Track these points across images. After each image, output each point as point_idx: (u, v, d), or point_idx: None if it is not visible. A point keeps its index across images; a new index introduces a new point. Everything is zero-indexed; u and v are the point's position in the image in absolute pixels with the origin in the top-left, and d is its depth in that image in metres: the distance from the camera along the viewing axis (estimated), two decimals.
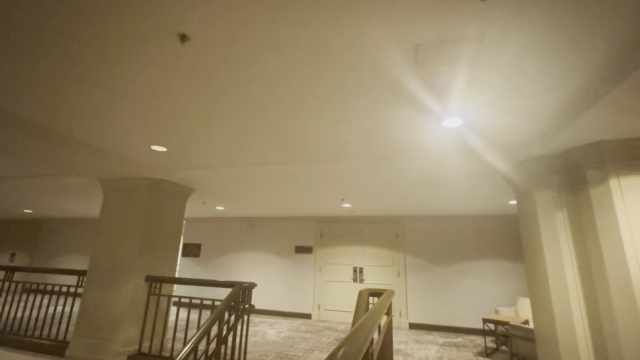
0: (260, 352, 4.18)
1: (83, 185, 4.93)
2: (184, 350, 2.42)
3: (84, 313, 3.80)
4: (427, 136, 2.63)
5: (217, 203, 6.05)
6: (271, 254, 7.42)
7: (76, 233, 9.73)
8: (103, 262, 3.92)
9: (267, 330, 5.43)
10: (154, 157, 3.44)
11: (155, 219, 4.06)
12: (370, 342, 1.46)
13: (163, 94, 2.12)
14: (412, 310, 6.15)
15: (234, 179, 4.14)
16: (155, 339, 3.80)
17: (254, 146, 3.02)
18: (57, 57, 1.76)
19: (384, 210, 6.18)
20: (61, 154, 3.34)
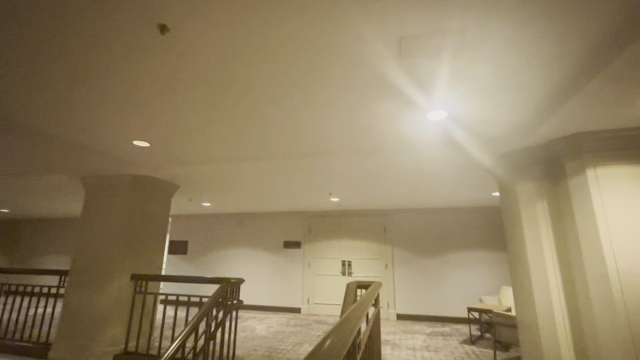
0: (250, 347, 4.18)
1: (63, 183, 4.77)
2: (172, 347, 2.39)
3: (67, 314, 3.71)
4: (412, 129, 2.65)
5: (203, 199, 5.97)
6: (260, 249, 7.39)
7: (56, 232, 9.44)
8: (86, 262, 3.82)
9: (257, 326, 5.44)
10: (136, 153, 3.36)
11: (140, 216, 3.98)
12: (357, 332, 1.48)
13: (144, 87, 2.06)
14: (400, 301, 6.26)
15: (220, 174, 4.08)
16: (141, 337, 3.74)
17: (239, 141, 2.98)
18: (29, 47, 1.68)
19: (371, 204, 6.24)
20: (39, 151, 3.22)
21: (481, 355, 4.03)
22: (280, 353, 3.94)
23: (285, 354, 3.89)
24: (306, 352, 4.00)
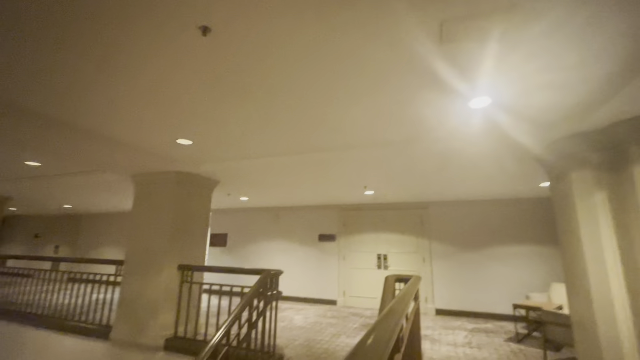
0: (289, 337, 4.30)
1: (116, 181, 5.17)
2: (217, 334, 2.52)
3: (123, 300, 4.05)
4: (452, 118, 2.53)
5: (241, 194, 6.18)
6: (295, 242, 7.53)
7: (112, 226, 10.29)
8: (138, 253, 4.13)
9: (294, 316, 5.57)
10: (180, 151, 3.54)
11: (184, 210, 4.20)
12: (400, 327, 1.46)
13: (186, 87, 2.16)
14: (439, 296, 6.09)
15: (258, 169, 4.19)
16: (189, 323, 3.98)
17: (277, 136, 3.03)
18: (81, 53, 1.82)
19: (408, 197, 6.09)
20: (95, 152, 3.50)
21: (529, 355, 3.82)
22: (318, 343, 4.01)
23: (323, 345, 3.96)
24: (344, 343, 4.04)
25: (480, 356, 3.75)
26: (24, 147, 3.34)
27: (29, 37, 1.65)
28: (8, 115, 2.55)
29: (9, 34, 1.63)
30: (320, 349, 3.78)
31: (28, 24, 1.55)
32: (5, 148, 3.68)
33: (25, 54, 1.80)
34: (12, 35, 1.64)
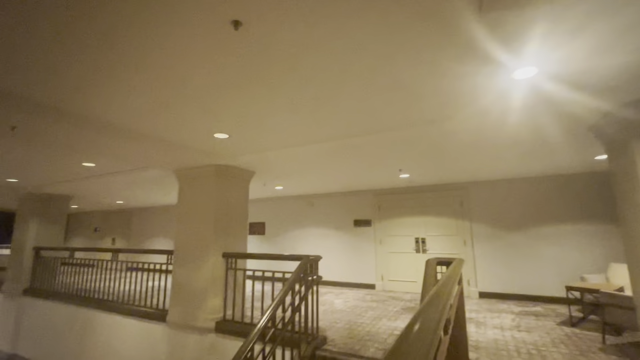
0: (330, 320, 4.41)
1: (161, 176, 5.50)
2: (264, 318, 2.65)
3: (175, 286, 4.37)
4: (491, 92, 2.38)
5: (276, 183, 6.32)
6: (331, 228, 7.61)
7: (159, 219, 11.04)
8: (185, 243, 4.41)
9: (334, 300, 5.69)
10: (217, 145, 3.68)
11: (225, 201, 4.39)
12: (447, 310, 1.44)
13: (220, 82, 2.21)
14: (482, 278, 5.90)
15: (292, 158, 4.25)
16: (235, 307, 4.22)
17: (310, 125, 3.04)
18: (121, 56, 1.92)
19: (445, 178, 5.88)
20: (139, 150, 3.74)
21: (585, 339, 3.61)
22: (360, 326, 4.07)
23: (364, 327, 4.02)
24: (385, 326, 4.07)
25: (530, 339, 3.61)
26: (80, 150, 3.64)
27: (76, 48, 1.78)
28: (66, 122, 2.78)
29: (75, 49, 1.76)
30: (362, 331, 3.85)
31: (77, 34, 1.66)
32: (65, 152, 4.04)
33: (74, 64, 1.95)
34: (75, 50, 1.77)
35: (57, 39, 1.70)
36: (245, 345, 2.40)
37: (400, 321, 4.31)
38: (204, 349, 3.88)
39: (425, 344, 0.86)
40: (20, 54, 1.85)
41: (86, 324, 5.30)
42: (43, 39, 1.71)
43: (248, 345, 2.40)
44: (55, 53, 1.84)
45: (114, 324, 4.92)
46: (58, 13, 1.50)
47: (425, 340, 0.88)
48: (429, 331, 0.96)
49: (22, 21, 1.56)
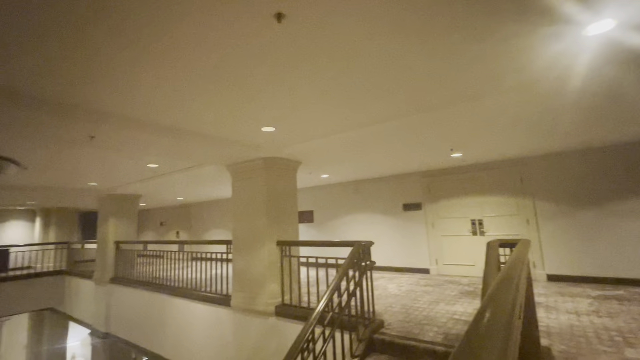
0: (385, 304, 4.41)
1: (215, 172, 5.85)
2: (322, 302, 2.73)
3: (235, 274, 4.67)
4: (558, 53, 2.12)
5: (321, 172, 6.38)
6: (379, 213, 7.53)
7: (215, 211, 11.82)
8: (242, 233, 4.67)
9: (387, 285, 5.67)
10: (265, 138, 3.80)
11: (275, 192, 4.55)
12: (520, 294, 1.35)
13: (265, 76, 2.26)
14: (549, 260, 5.43)
15: (336, 145, 4.24)
16: (292, 292, 4.40)
17: (355, 110, 2.99)
18: (162, 59, 2.04)
19: (501, 154, 5.45)
20: (195, 149, 4.00)
21: None
22: (416, 310, 4.02)
23: (422, 312, 3.95)
24: (444, 310, 3.96)
25: (614, 325, 3.27)
26: (145, 152, 4.01)
27: (143, 62, 1.93)
28: (132, 128, 3.07)
29: (141, 63, 1.92)
30: (420, 315, 3.79)
31: (141, 45, 1.80)
32: (133, 155, 4.47)
33: (141, 76, 2.12)
34: (141, 63, 1.93)
35: (122, 54, 1.86)
36: (306, 328, 2.50)
37: (459, 305, 4.16)
38: (266, 331, 4.13)
39: (501, 333, 0.81)
40: (97, 72, 2.07)
41: (162, 307, 5.93)
42: (111, 56, 1.88)
43: (309, 328, 2.50)
44: (124, 68, 2.02)
45: (185, 307, 5.44)
46: (120, 27, 1.64)
47: (500, 329, 0.83)
48: (503, 318, 0.91)
49: (107, 38, 1.73)
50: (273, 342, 4.04)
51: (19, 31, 1.61)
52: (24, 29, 1.60)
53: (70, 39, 1.70)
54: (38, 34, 1.65)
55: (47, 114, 2.59)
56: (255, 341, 4.23)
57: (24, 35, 1.65)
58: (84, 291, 8.55)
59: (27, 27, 1.59)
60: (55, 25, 1.58)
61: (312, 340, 2.56)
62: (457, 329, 3.30)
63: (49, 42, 1.72)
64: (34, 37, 1.67)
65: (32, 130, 2.99)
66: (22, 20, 1.53)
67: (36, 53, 1.83)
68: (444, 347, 2.85)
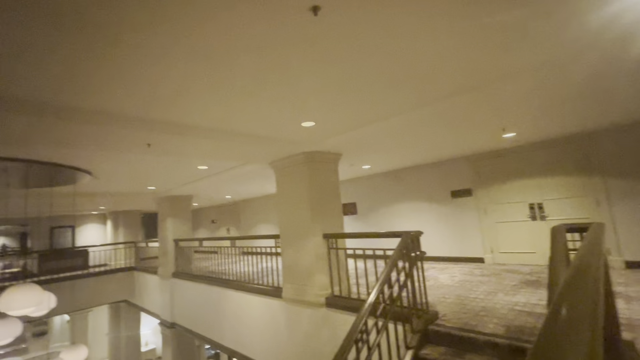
0: (438, 295, 4.27)
1: (258, 170, 6.05)
2: (373, 293, 2.71)
3: (285, 266, 4.82)
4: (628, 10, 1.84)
5: (363, 162, 6.30)
6: (425, 202, 7.26)
7: (262, 207, 12.26)
8: (288, 227, 4.79)
9: (439, 275, 5.47)
10: (305, 133, 3.82)
11: (317, 185, 4.59)
12: (601, 283, 1.21)
13: (303, 70, 2.26)
14: (627, 245, 4.85)
15: (377, 134, 4.14)
16: (341, 284, 4.43)
17: (395, 96, 2.89)
18: (213, 62, 2.11)
19: (562, 130, 4.93)
20: (240, 149, 4.16)
21: None
22: (473, 301, 3.83)
23: (479, 302, 3.76)
24: (503, 301, 3.73)
25: None
26: (195, 155, 4.25)
27: (188, 71, 2.03)
28: (184, 133, 3.27)
29: (186, 71, 2.04)
30: (477, 306, 3.61)
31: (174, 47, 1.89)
32: (186, 159, 4.77)
33: (193, 85, 2.24)
34: (187, 62, 2.04)
35: (182, 66, 1.97)
36: (359, 319, 2.50)
37: (520, 296, 3.89)
38: (318, 321, 4.21)
39: (586, 328, 0.72)
40: (157, 86, 2.22)
41: (219, 299, 6.32)
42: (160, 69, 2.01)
43: (361, 319, 2.50)
44: (180, 79, 2.15)
45: (240, 299, 5.74)
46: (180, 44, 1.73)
47: (584, 324, 0.74)
48: (586, 311, 0.81)
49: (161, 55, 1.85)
50: (325, 332, 4.12)
51: (108, 62, 1.78)
52: (111, 59, 1.76)
53: (154, 68, 1.84)
54: (125, 66, 1.81)
55: (111, 126, 2.86)
56: (308, 331, 4.34)
57: (111, 67, 1.82)
58: (150, 285, 9.41)
59: (116, 59, 1.75)
60: (139, 55, 1.72)
61: (366, 332, 2.55)
62: (520, 321, 3.09)
63: (135, 71, 1.88)
64: (119, 68, 1.84)
65: (99, 143, 3.32)
66: (110, 53, 1.68)
67: (118, 79, 2.01)
68: (507, 340, 2.69)
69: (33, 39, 1.61)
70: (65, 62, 1.86)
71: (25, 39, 1.60)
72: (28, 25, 1.50)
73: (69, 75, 2.03)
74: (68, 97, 2.37)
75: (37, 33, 1.56)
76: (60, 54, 1.77)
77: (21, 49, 1.69)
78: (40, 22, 1.48)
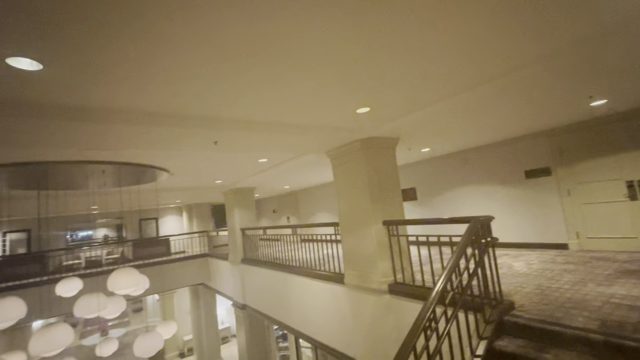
0: (513, 283, 3.94)
1: (315, 160, 6.15)
2: (440, 280, 2.61)
3: (346, 253, 4.87)
4: None
5: (422, 146, 6.01)
6: (493, 184, 6.69)
7: (319, 195, 12.52)
8: (347, 215, 4.81)
9: (513, 263, 5.04)
10: (360, 119, 3.76)
11: (375, 172, 4.50)
12: None
13: (356, 56, 2.20)
14: None
15: (439, 115, 3.89)
16: (404, 272, 4.34)
17: (460, 70, 2.67)
18: (274, 59, 2.16)
19: None
20: (296, 140, 4.26)
21: None
22: (555, 292, 3.46)
23: (563, 293, 3.38)
24: (595, 292, 3.30)
25: None
26: (256, 149, 4.47)
27: (258, 74, 2.12)
28: (246, 129, 3.45)
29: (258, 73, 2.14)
30: (562, 298, 3.25)
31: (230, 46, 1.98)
32: (247, 153, 5.05)
33: (257, 84, 2.34)
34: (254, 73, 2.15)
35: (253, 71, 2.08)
36: (426, 307, 2.43)
37: (618, 286, 3.39)
38: (382, 308, 4.20)
39: None
40: (226, 88, 2.38)
41: (285, 283, 6.67)
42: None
43: (429, 307, 2.43)
44: (246, 82, 2.27)
45: (304, 284, 5.98)
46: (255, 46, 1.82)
47: None
48: None
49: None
50: (390, 318, 4.10)
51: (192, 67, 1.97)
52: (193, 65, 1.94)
53: (231, 70, 1.99)
54: (206, 79, 1.98)
55: (184, 128, 3.14)
56: (372, 317, 4.36)
57: (196, 79, 2.01)
58: (223, 270, 10.31)
59: (193, 62, 1.93)
60: (214, 61, 1.87)
61: (434, 319, 2.48)
62: (618, 316, 2.70)
63: (212, 79, 2.06)
64: (197, 75, 2.02)
65: (173, 144, 3.68)
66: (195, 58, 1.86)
67: (193, 84, 2.21)
68: (602, 336, 2.38)
69: (151, 55, 1.83)
70: (163, 78, 2.08)
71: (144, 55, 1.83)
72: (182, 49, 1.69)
73: (168, 89, 2.27)
74: (157, 105, 2.66)
75: (162, 50, 1.76)
76: (157, 67, 1.98)
77: (144, 64, 1.94)
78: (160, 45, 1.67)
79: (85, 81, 2.13)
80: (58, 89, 2.20)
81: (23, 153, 3.73)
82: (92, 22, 1.52)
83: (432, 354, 2.30)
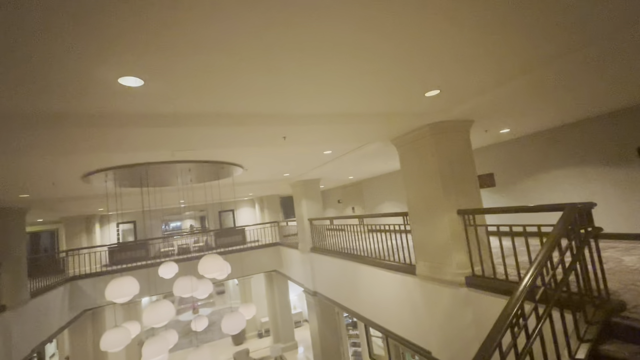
0: (623, 280, 3.37)
1: (380, 148, 6.03)
2: (528, 274, 2.37)
3: (417, 244, 4.71)
4: None
5: (500, 127, 5.44)
6: (595, 166, 5.73)
7: (384, 185, 12.28)
8: (417, 204, 4.63)
9: (623, 257, 4.30)
10: (429, 103, 3.56)
11: (446, 158, 4.23)
12: None
13: (428, 32, 2.08)
14: None
15: (522, 90, 3.47)
16: (483, 264, 4.02)
17: (550, 34, 2.34)
18: (344, 53, 2.15)
19: None
20: (361, 129, 4.22)
21: None
22: None
23: None
24: None
25: None
26: (321, 142, 4.57)
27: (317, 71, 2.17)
28: (314, 122, 3.54)
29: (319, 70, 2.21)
30: None
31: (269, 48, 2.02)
32: (313, 146, 5.19)
33: (319, 77, 2.40)
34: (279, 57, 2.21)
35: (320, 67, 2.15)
36: (513, 302, 2.23)
37: None
38: (458, 301, 3.99)
39: None
40: (298, 86, 2.50)
41: (354, 273, 6.75)
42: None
43: (516, 302, 2.22)
44: (312, 76, 2.34)
45: (373, 274, 5.97)
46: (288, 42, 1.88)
47: None
48: None
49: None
50: (468, 312, 3.87)
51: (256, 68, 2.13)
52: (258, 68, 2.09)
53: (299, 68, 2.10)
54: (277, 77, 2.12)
55: (257, 126, 3.36)
56: (447, 310, 4.17)
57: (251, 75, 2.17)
58: (293, 258, 10.86)
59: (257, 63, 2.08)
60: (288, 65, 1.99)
61: (522, 316, 2.26)
62: None
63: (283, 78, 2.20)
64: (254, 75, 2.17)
65: (246, 141, 3.97)
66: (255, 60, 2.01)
67: (256, 83, 2.38)
68: None
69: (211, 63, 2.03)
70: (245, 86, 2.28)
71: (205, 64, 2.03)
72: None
73: (237, 92, 2.48)
74: (239, 107, 2.91)
75: (216, 59, 1.95)
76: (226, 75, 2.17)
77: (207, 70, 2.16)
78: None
79: (177, 93, 2.42)
80: (155, 100, 2.54)
81: (127, 157, 4.41)
82: (187, 44, 1.71)
83: (521, 353, 2.11)
